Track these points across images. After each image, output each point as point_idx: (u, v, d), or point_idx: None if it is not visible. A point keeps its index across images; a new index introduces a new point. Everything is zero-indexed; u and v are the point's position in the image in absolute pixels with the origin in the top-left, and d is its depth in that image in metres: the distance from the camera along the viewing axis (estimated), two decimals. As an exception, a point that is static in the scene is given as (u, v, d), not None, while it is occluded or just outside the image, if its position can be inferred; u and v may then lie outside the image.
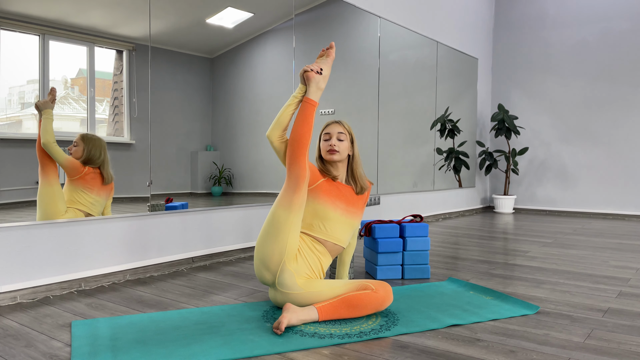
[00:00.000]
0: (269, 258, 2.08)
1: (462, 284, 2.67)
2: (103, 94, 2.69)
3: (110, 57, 2.72)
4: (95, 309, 2.21)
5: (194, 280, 2.74)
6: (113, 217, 2.70)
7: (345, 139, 2.31)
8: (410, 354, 1.72)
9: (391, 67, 4.97)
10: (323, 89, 2.22)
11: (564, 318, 2.14)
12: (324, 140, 2.32)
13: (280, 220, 2.06)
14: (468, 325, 2.03)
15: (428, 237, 2.87)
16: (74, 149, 2.55)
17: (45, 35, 2.43)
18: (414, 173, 5.41)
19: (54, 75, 2.47)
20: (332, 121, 2.35)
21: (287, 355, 1.70)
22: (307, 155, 2.12)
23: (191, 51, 3.11)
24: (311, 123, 2.13)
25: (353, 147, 2.35)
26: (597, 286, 2.70)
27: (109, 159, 2.67)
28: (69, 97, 2.55)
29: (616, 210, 6.28)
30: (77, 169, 2.54)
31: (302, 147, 2.10)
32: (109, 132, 2.72)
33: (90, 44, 2.61)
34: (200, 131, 3.19)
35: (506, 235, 4.58)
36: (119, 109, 2.75)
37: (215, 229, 3.25)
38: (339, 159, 2.30)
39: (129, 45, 2.77)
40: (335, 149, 2.27)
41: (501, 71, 7.06)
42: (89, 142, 2.60)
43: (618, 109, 6.24)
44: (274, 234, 2.06)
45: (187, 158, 3.11)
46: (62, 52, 2.51)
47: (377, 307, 2.09)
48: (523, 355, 1.72)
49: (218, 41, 3.28)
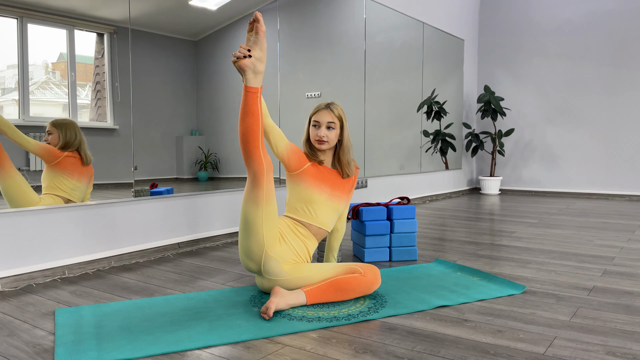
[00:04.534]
0: (250, 251, 2.05)
1: (450, 265, 2.67)
2: (85, 78, 2.62)
3: (91, 41, 2.64)
4: (80, 296, 2.18)
5: (180, 266, 2.71)
6: (96, 203, 2.65)
7: (335, 127, 2.26)
8: (398, 336, 1.72)
9: (377, 50, 4.92)
10: (262, 71, 1.90)
11: (549, 297, 2.15)
12: (313, 126, 2.28)
13: (251, 216, 2.00)
14: (456, 306, 2.04)
15: (415, 219, 2.86)
16: (50, 138, 2.48)
17: (23, 19, 2.36)
18: (401, 156, 5.41)
19: (35, 59, 2.40)
20: (323, 106, 2.27)
21: (275, 340, 1.69)
22: (260, 146, 1.94)
23: (174, 34, 3.04)
24: (256, 112, 1.91)
25: (342, 133, 2.29)
26: (582, 265, 2.73)
27: (84, 139, 2.60)
28: (50, 82, 2.48)
29: (600, 190, 6.35)
30: (53, 154, 2.48)
31: (252, 140, 1.92)
32: (92, 117, 2.66)
33: (70, 27, 2.54)
34: (185, 116, 3.14)
35: (492, 217, 4.61)
36: (102, 94, 2.69)
37: (201, 214, 3.22)
38: (327, 148, 2.27)
39: (110, 28, 2.70)
40: (324, 140, 2.24)
41: (487, 52, 7.04)
42: (62, 127, 2.53)
43: (602, 89, 6.27)
44: (249, 229, 2.02)
45: (172, 143, 3.06)
46: (42, 36, 2.43)
47: (365, 290, 2.09)
48: (510, 334, 1.73)
49: (202, 23, 3.21)
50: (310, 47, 4.09)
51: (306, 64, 4.06)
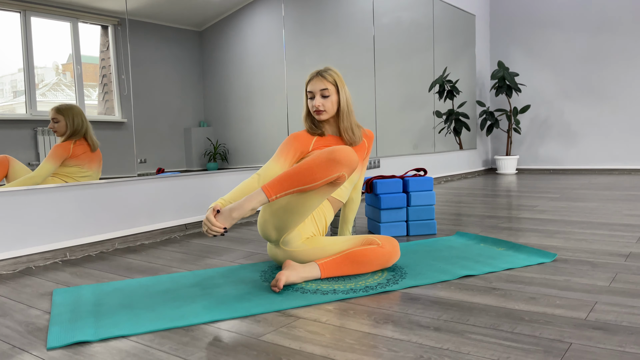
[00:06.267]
0: (283, 226, 1.91)
1: (472, 237, 2.52)
2: (92, 78, 2.54)
3: (96, 37, 2.55)
4: (80, 277, 2.06)
5: (187, 246, 2.58)
6: (97, 183, 2.53)
7: (331, 93, 2.09)
8: (421, 305, 1.57)
9: (386, 30, 4.74)
10: (241, 211, 1.75)
11: (584, 264, 1.99)
12: (309, 98, 2.12)
13: (310, 203, 1.86)
14: (481, 276, 1.88)
15: (433, 191, 2.70)
16: (57, 125, 2.36)
17: (26, 12, 2.29)
18: (414, 138, 5.23)
19: (45, 62, 2.34)
20: (314, 74, 2.10)
21: (287, 312, 1.55)
22: (326, 178, 1.79)
23: (179, 24, 2.93)
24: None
25: (339, 98, 2.11)
26: (615, 233, 2.55)
27: (90, 124, 2.49)
28: (61, 84, 2.42)
29: (622, 166, 6.12)
30: (63, 151, 2.36)
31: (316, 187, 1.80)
32: (100, 111, 2.58)
33: (74, 20, 2.46)
34: (193, 107, 3.03)
35: (510, 193, 4.43)
36: (109, 87, 2.60)
37: (209, 194, 3.08)
38: (327, 117, 2.10)
39: (114, 19, 2.61)
40: (320, 109, 2.08)
41: (499, 27, 6.82)
42: (68, 113, 2.41)
43: (622, 61, 6.03)
44: (298, 211, 1.87)
45: (180, 135, 2.96)
46: (48, 35, 2.36)
47: (384, 263, 1.94)
48: (545, 301, 1.57)
49: (205, 13, 3.08)
50: (317, 32, 3.93)
51: (313, 49, 3.90)
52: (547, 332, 1.33)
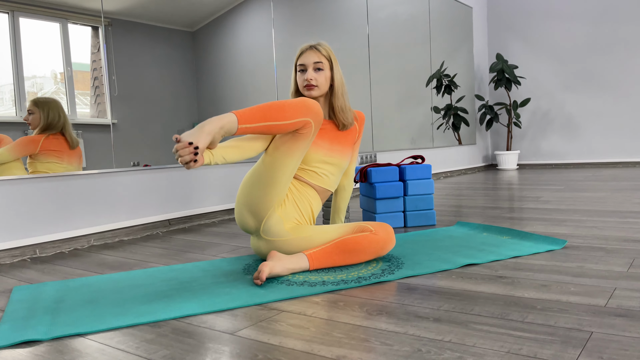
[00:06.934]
0: (257, 204, 1.74)
1: (474, 226, 2.35)
2: (84, 86, 2.44)
3: (87, 37, 2.46)
4: (47, 274, 1.89)
5: (169, 242, 2.41)
6: (74, 174, 2.36)
7: (324, 67, 1.92)
8: (419, 295, 1.40)
9: (381, 26, 4.59)
10: (213, 127, 1.54)
11: (597, 250, 1.82)
12: (299, 72, 1.94)
13: (279, 164, 1.71)
14: (486, 265, 1.71)
15: (432, 179, 2.54)
16: (31, 118, 2.22)
17: (14, 12, 2.20)
18: (411, 135, 5.06)
19: (44, 71, 2.30)
20: (307, 47, 1.92)
21: (270, 306, 1.38)
22: (296, 118, 1.66)
23: (171, 25, 2.83)
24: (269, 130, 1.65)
25: (333, 76, 1.95)
26: (626, 220, 2.38)
27: (69, 120, 2.34)
28: (59, 92, 2.36)
29: (627, 158, 5.96)
30: (29, 145, 2.20)
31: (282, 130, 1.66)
32: (92, 114, 2.48)
33: (63, 20, 2.37)
34: (186, 108, 2.93)
35: (513, 186, 4.26)
36: (100, 90, 2.50)
37: (195, 187, 2.92)
38: (319, 94, 1.92)
39: (105, 20, 2.52)
40: (312, 84, 1.90)
41: (497, 19, 6.67)
42: (44, 106, 2.25)
43: (624, 50, 5.87)
44: (269, 178, 1.72)
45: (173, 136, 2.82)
46: (44, 43, 2.29)
47: (378, 251, 1.77)
48: (558, 288, 1.40)
49: (197, 12, 2.97)
50: (310, 32, 3.78)
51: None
52: (563, 320, 1.16)
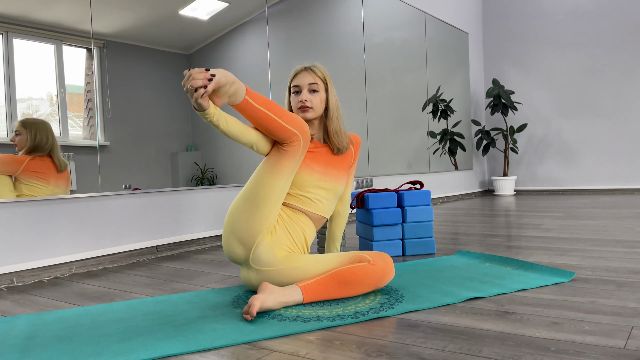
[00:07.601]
0: (245, 231, 1.64)
1: (475, 256, 2.25)
2: (78, 108, 2.40)
3: (81, 59, 2.42)
4: (22, 305, 1.76)
5: (155, 270, 2.29)
6: (56, 198, 2.25)
7: (320, 89, 1.85)
8: (422, 334, 1.30)
9: (377, 50, 4.55)
10: (231, 81, 1.57)
11: (607, 284, 1.72)
12: (294, 93, 1.87)
13: (267, 186, 1.65)
14: (491, 298, 1.61)
15: (431, 205, 2.44)
16: (18, 139, 2.14)
17: (9, 33, 2.16)
18: (407, 159, 4.99)
19: (40, 94, 2.26)
20: (301, 68, 1.86)
21: (260, 344, 1.27)
22: (286, 124, 1.65)
23: (166, 47, 2.80)
24: (260, 112, 1.65)
25: (328, 98, 1.87)
26: (634, 250, 2.29)
27: (57, 143, 2.25)
28: (55, 114, 2.31)
29: (625, 185, 5.90)
30: (13, 161, 2.11)
31: (275, 128, 1.65)
32: (85, 136, 2.41)
33: (58, 42, 2.33)
34: (180, 131, 2.87)
35: (510, 212, 4.17)
36: (93, 112, 2.46)
37: (184, 213, 2.81)
38: (313, 116, 1.85)
39: (99, 42, 2.48)
40: (307, 105, 1.82)
41: (493, 45, 6.68)
42: (32, 127, 2.17)
43: (620, 76, 5.87)
44: (257, 202, 1.64)
45: (167, 159, 2.77)
46: (39, 65, 2.26)
47: (376, 282, 1.66)
48: (571, 327, 1.30)
49: (193, 35, 2.93)
50: (305, 54, 3.74)
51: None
52: (582, 365, 1.06)
